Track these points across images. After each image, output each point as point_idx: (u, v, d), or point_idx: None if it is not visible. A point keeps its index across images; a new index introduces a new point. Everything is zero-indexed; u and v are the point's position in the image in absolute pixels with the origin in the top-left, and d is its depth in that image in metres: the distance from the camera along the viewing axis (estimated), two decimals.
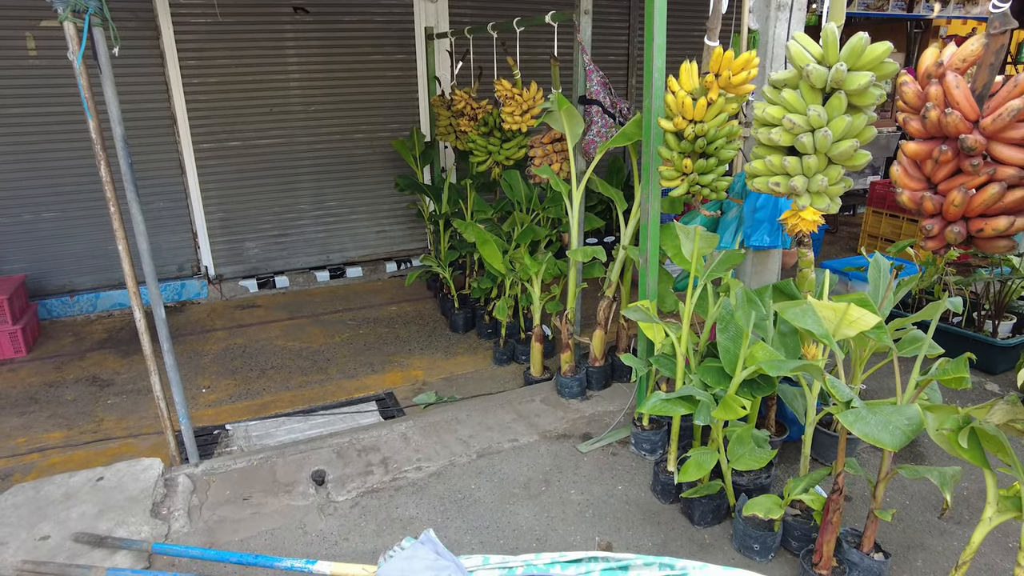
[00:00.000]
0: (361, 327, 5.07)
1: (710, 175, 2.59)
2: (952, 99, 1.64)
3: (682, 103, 2.49)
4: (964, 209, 1.69)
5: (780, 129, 2.03)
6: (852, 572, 2.24)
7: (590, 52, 3.44)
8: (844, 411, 1.89)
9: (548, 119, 3.52)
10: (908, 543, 2.53)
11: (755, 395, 2.43)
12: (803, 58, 1.97)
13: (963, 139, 1.61)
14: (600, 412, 3.55)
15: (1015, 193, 1.64)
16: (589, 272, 3.91)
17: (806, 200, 2.10)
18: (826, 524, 2.16)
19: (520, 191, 4.31)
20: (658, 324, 2.74)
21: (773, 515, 2.19)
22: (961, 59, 1.68)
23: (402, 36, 5.85)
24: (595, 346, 3.70)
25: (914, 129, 1.73)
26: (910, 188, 1.78)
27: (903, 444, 1.78)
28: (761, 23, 3.01)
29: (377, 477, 3.04)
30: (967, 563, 1.84)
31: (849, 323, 2.11)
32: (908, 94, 1.73)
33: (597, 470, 3.04)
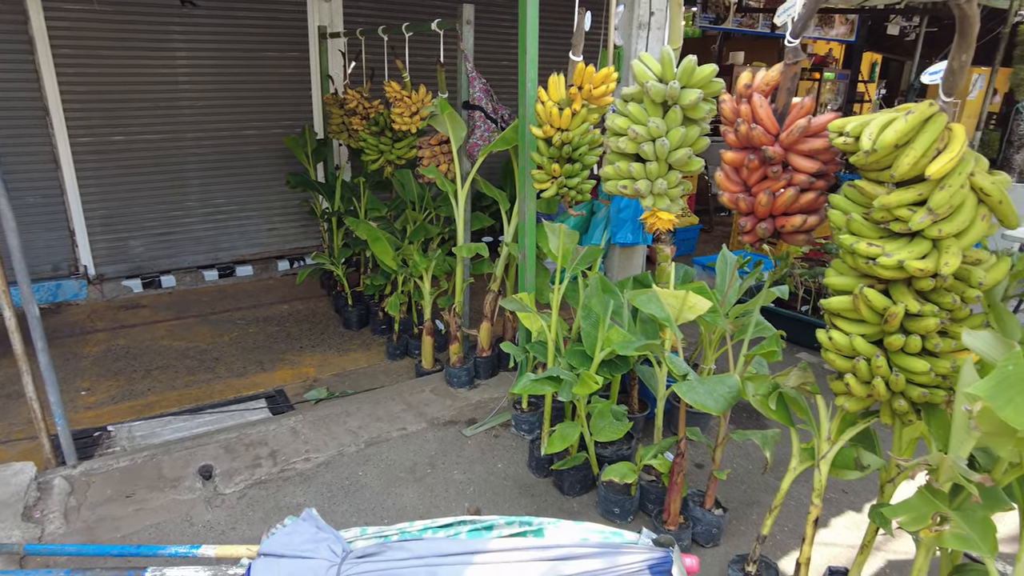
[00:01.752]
0: (251, 326, 5.03)
1: (576, 178, 2.85)
2: (757, 116, 1.95)
3: (550, 112, 2.74)
4: (770, 208, 2.01)
5: (626, 138, 2.30)
6: (696, 526, 2.56)
7: (472, 60, 3.64)
8: (681, 383, 2.19)
9: (434, 122, 3.69)
10: (746, 500, 2.89)
11: (614, 374, 2.71)
12: (644, 75, 2.25)
13: (765, 150, 1.92)
14: (486, 399, 3.76)
15: (807, 196, 1.97)
16: (479, 268, 4.11)
17: (650, 201, 2.39)
18: (672, 485, 2.46)
19: (413, 190, 4.45)
20: (534, 314, 2.98)
21: (628, 479, 2.46)
22: (765, 83, 1.99)
23: (295, 33, 5.84)
24: (482, 338, 3.90)
25: (730, 140, 2.03)
26: (729, 190, 2.09)
27: (725, 408, 2.09)
28: (625, 40, 3.32)
29: (265, 469, 3.10)
30: (778, 507, 2.18)
31: (689, 308, 2.41)
32: (725, 111, 2.04)
33: (480, 452, 3.24)
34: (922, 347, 1.70)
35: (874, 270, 1.67)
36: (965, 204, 1.63)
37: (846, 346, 1.79)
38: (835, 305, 1.81)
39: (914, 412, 1.80)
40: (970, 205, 1.63)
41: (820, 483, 2.02)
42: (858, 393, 1.80)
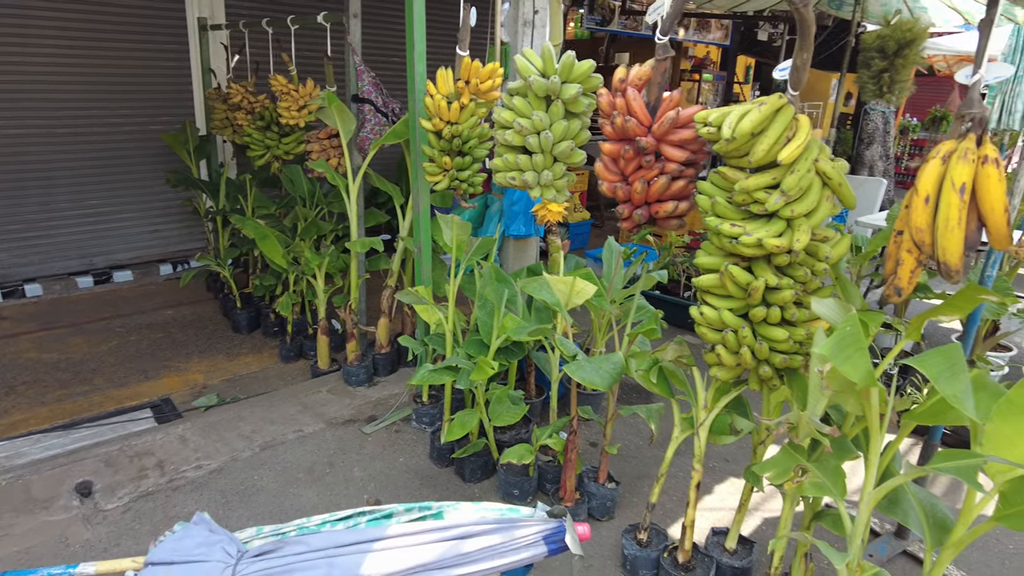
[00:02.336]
0: (132, 334, 4.74)
1: (467, 171, 2.90)
2: (631, 109, 2.08)
3: (439, 106, 2.77)
4: (645, 196, 2.15)
5: (512, 131, 2.38)
6: (592, 501, 2.69)
7: (361, 54, 3.61)
8: (570, 364, 2.29)
9: (323, 115, 3.63)
10: (638, 473, 3.06)
11: (510, 360, 2.79)
12: (527, 70, 2.33)
13: (639, 140, 2.05)
14: (386, 395, 3.74)
15: (678, 183, 2.12)
16: (375, 264, 4.08)
17: (537, 192, 2.48)
18: (567, 462, 2.57)
19: (303, 186, 4.35)
20: (431, 307, 3.01)
21: (526, 460, 2.55)
22: (638, 78, 2.13)
23: (173, 25, 5.53)
24: (380, 334, 3.88)
25: (608, 132, 2.15)
26: (608, 180, 2.21)
27: (611, 384, 2.21)
28: (511, 37, 3.41)
29: (153, 480, 2.95)
30: (663, 475, 2.33)
31: (577, 293, 2.53)
32: (603, 103, 2.15)
33: (381, 447, 3.23)
34: (781, 317, 1.88)
35: (737, 248, 1.82)
36: (812, 187, 1.81)
37: (716, 320, 1.94)
38: (705, 283, 1.96)
39: (778, 377, 1.98)
40: (816, 187, 1.82)
41: (700, 449, 2.18)
42: (728, 362, 1.96)
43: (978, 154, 1.55)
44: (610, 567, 2.47)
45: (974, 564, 2.59)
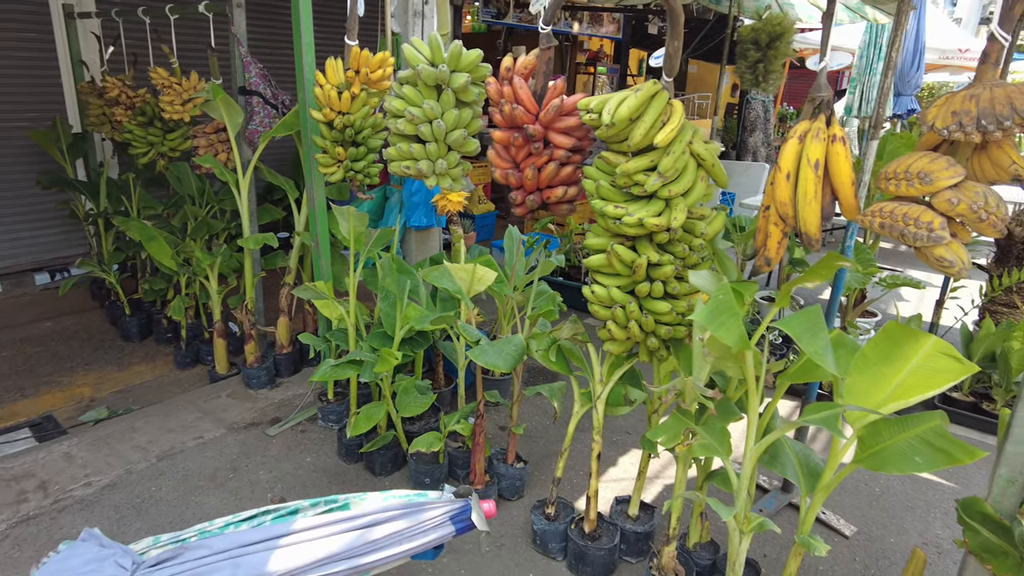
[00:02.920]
0: (4, 349, 4.37)
1: (362, 162, 2.87)
2: (518, 97, 2.14)
3: (329, 96, 2.73)
4: (536, 182, 2.21)
5: (404, 120, 2.38)
6: (501, 482, 2.75)
7: (246, 44, 3.48)
8: (474, 349, 2.33)
9: (208, 109, 3.48)
10: (546, 452, 3.15)
11: (415, 350, 2.80)
12: (416, 59, 2.34)
13: (526, 128, 2.11)
14: (290, 396, 3.65)
15: (566, 169, 2.20)
16: (273, 262, 3.96)
17: (433, 181, 2.50)
18: (475, 446, 2.62)
19: (191, 184, 4.15)
20: (332, 302, 2.96)
21: (435, 447, 2.57)
22: (524, 67, 2.18)
23: (34, 12, 5.11)
24: (280, 334, 3.78)
25: (497, 120, 2.20)
26: (501, 167, 2.26)
27: (514, 365, 2.27)
28: (402, 27, 3.39)
29: (34, 503, 2.75)
30: (567, 450, 2.42)
31: (478, 280, 2.57)
32: (491, 92, 2.20)
33: (287, 449, 3.16)
34: (664, 291, 1.99)
35: (621, 229, 1.92)
36: (688, 168, 1.93)
37: (605, 297, 2.04)
38: (594, 263, 2.05)
39: (665, 348, 2.10)
40: (691, 169, 1.94)
41: (598, 421, 2.28)
42: (619, 336, 2.06)
43: (828, 133, 1.71)
44: (521, 544, 2.54)
45: (848, 508, 2.84)
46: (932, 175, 1.53)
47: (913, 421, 1.73)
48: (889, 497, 2.94)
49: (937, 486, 3.05)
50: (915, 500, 2.93)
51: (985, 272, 4.00)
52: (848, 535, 2.66)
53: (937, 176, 1.52)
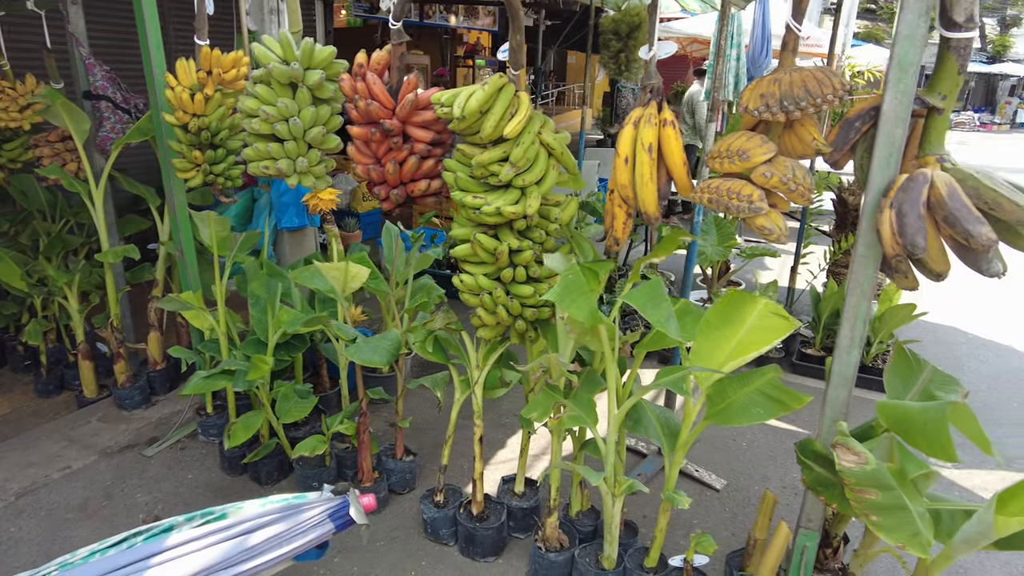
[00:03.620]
0: None
1: (222, 164, 2.78)
2: (372, 92, 2.15)
3: (180, 98, 2.62)
4: (399, 176, 2.24)
5: (259, 119, 2.33)
6: (391, 477, 2.77)
7: (88, 45, 3.26)
8: (349, 347, 2.33)
9: (49, 116, 3.24)
10: (437, 442, 3.19)
11: (292, 354, 2.76)
12: (267, 57, 2.29)
13: (383, 123, 2.13)
14: (168, 414, 3.49)
15: (428, 162, 2.23)
16: (140, 275, 3.74)
17: (295, 180, 2.46)
18: (360, 444, 2.62)
19: (39, 197, 3.84)
20: (201, 312, 2.85)
21: (319, 450, 2.55)
22: (377, 62, 2.20)
23: None
24: (152, 350, 3.59)
25: (354, 115, 2.20)
26: (362, 162, 2.27)
27: (389, 361, 2.30)
28: (259, 25, 3.30)
29: None
30: (451, 437, 2.47)
31: (352, 278, 2.56)
32: (345, 88, 2.20)
33: (166, 468, 3.02)
34: (527, 275, 2.08)
35: (481, 218, 1.99)
36: (539, 157, 2.02)
37: (473, 285, 2.10)
38: (460, 252, 2.11)
39: (533, 329, 2.20)
40: (543, 158, 2.03)
41: (477, 405, 2.35)
42: (488, 322, 2.13)
43: (659, 118, 1.85)
44: (413, 535, 2.58)
45: (719, 464, 3.08)
46: (748, 152, 1.69)
47: (752, 376, 1.91)
48: (755, 449, 3.21)
49: (796, 435, 3.36)
50: (776, 450, 3.22)
51: (829, 238, 4.42)
52: (719, 488, 2.89)
53: (753, 153, 1.69)
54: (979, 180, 1.49)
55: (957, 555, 1.53)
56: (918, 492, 1.62)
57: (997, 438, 3.35)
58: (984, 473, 3.05)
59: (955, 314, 5.14)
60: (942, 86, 1.59)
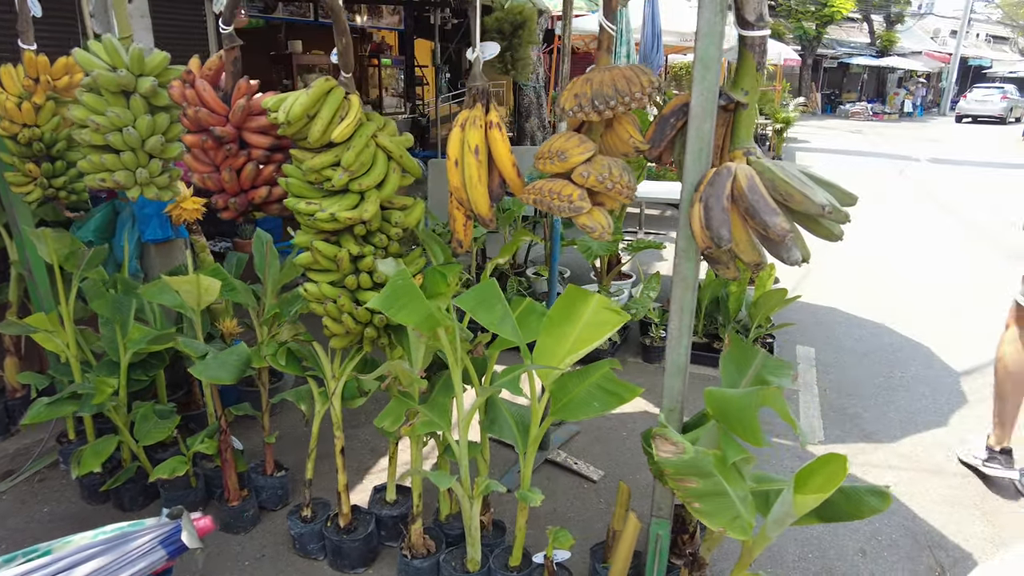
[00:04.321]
0: None
1: (62, 178, 2.62)
2: (203, 99, 2.06)
3: (5, 107, 2.45)
4: (238, 184, 2.16)
5: (89, 130, 2.21)
6: (261, 494, 2.68)
7: None
8: (196, 364, 2.23)
9: None
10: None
11: (150, 373, 2.63)
12: (91, 64, 2.17)
13: (213, 130, 2.05)
14: (29, 444, 3.26)
15: (268, 168, 2.16)
16: None
17: (136, 192, 2.34)
18: (224, 463, 2.52)
19: None
20: (49, 334, 2.68)
21: (179, 472, 2.44)
22: (208, 68, 2.11)
23: None
24: (9, 376, 3.35)
25: (186, 123, 2.11)
26: (199, 171, 2.17)
27: (239, 377, 2.22)
28: (105, 28, 3.12)
29: None
30: (314, 450, 2.42)
31: (206, 291, 2.46)
32: (175, 95, 2.10)
33: (19, 503, 2.82)
34: (372, 281, 2.04)
35: (317, 224, 1.94)
36: (377, 161, 1.99)
37: (317, 293, 2.05)
38: (303, 260, 2.06)
39: (387, 336, 2.16)
40: (382, 161, 2.00)
41: (337, 416, 2.30)
42: (336, 331, 2.09)
43: (485, 120, 1.85)
44: (283, 552, 2.50)
45: (599, 455, 3.14)
46: (567, 152, 1.71)
47: (590, 371, 1.94)
48: (634, 439, 3.28)
49: None
50: None
51: None
52: (596, 480, 2.94)
53: (570, 153, 1.71)
54: (775, 173, 1.56)
55: (772, 534, 1.60)
56: (740, 476, 1.69)
57: (856, 412, 3.55)
58: (845, 447, 3.23)
59: (834, 296, 5.43)
60: (744, 82, 1.65)
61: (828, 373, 4.03)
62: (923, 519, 2.72)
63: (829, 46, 29.50)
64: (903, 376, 4.02)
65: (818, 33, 26.86)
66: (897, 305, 5.24)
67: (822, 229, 1.65)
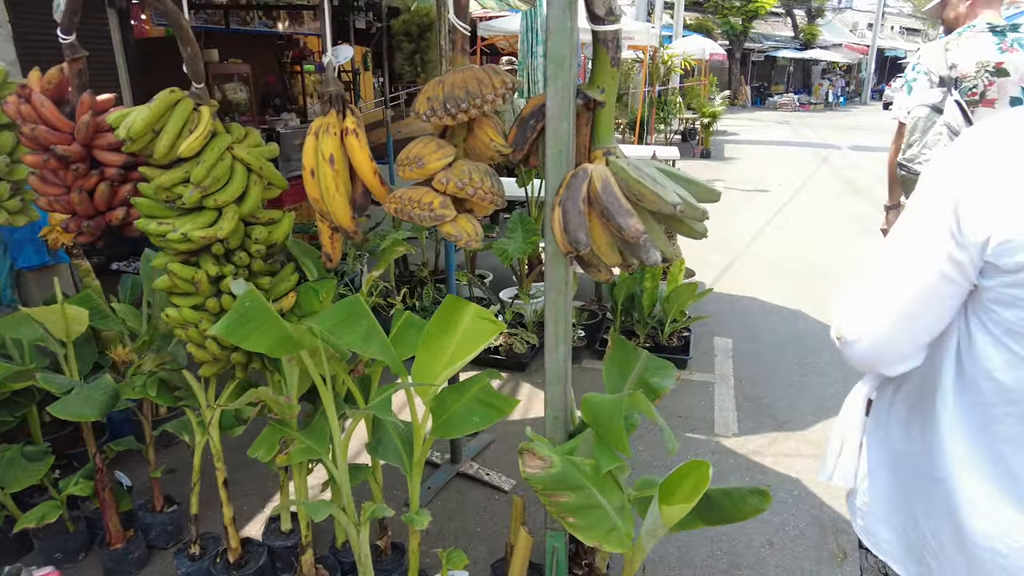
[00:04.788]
0: None
1: None
2: (42, 115, 1.91)
3: None
4: (92, 206, 2.01)
5: None
6: (150, 532, 2.52)
7: None
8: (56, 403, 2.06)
9: None
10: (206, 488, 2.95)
11: (15, 414, 2.44)
12: None
13: (55, 149, 1.90)
14: None
15: (125, 187, 2.02)
16: None
17: None
18: (103, 503, 2.36)
19: None
20: None
21: (50, 518, 2.26)
22: (48, 81, 1.95)
23: None
24: None
25: (25, 142, 1.95)
26: (47, 193, 2.01)
27: (104, 412, 2.06)
28: None
29: None
30: (197, 483, 2.27)
31: (73, 321, 2.29)
32: (9, 111, 1.94)
33: None
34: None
35: (171, 245, 1.81)
36: (235, 175, 1.87)
37: (179, 318, 1.92)
38: (161, 285, 1.92)
39: (258, 360, 2.04)
40: (240, 174, 1.88)
41: (216, 447, 2.17)
42: (202, 357, 1.96)
43: (341, 127, 1.76)
44: None
45: (512, 464, 3.07)
46: (424, 158, 1.63)
47: (468, 384, 1.87)
48: None
49: None
50: None
51: None
52: (507, 489, 2.88)
53: (428, 159, 1.63)
54: (628, 173, 1.51)
55: (648, 545, 1.56)
56: (617, 485, 1.64)
57: (771, 401, 3.59)
58: (758, 438, 3.26)
59: (754, 286, 5.52)
60: (600, 79, 1.59)
61: (745, 363, 4.07)
62: (829, 506, 2.75)
63: (756, 40, 30.36)
64: (817, 362, 4.09)
65: (744, 28, 27.60)
66: (813, 292, 5.36)
67: (685, 227, 1.62)
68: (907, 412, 1.12)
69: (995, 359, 0.94)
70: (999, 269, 0.89)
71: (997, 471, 0.96)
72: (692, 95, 14.79)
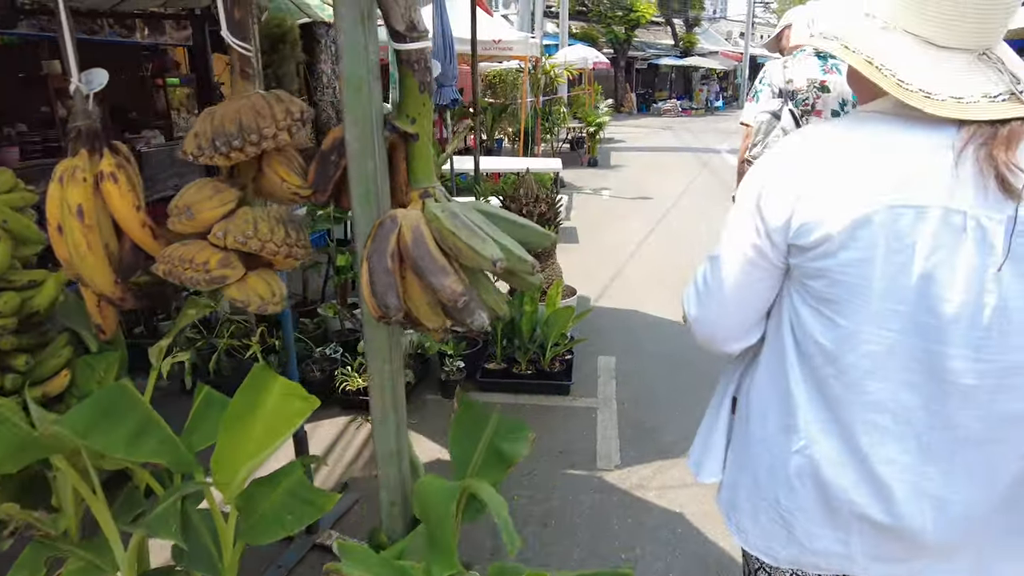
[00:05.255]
0: None
1: None
2: None
3: None
4: None
5: None
6: None
7: None
8: None
9: None
10: None
11: None
12: None
13: None
14: None
15: None
16: None
17: None
18: None
19: None
20: None
21: None
22: None
23: None
24: None
25: None
26: None
27: None
28: None
29: None
30: None
31: None
32: None
33: None
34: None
35: None
36: None
37: None
38: None
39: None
40: None
41: None
42: None
43: (93, 171, 1.41)
44: None
45: None
46: (195, 207, 1.32)
47: (280, 475, 1.56)
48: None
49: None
50: None
51: None
52: None
53: (200, 208, 1.32)
54: (442, 221, 1.26)
55: None
56: None
57: (655, 425, 3.47)
58: (642, 468, 3.12)
59: (638, 298, 5.46)
60: (410, 108, 1.33)
61: (627, 384, 3.95)
62: (714, 542, 2.63)
63: (639, 48, 31.40)
64: (698, 376, 4.03)
65: (628, 36, 28.47)
66: None
67: (515, 279, 1.39)
68: (762, 399, 1.18)
69: (815, 325, 1.04)
70: (802, 248, 1.01)
71: (839, 429, 1.05)
72: (578, 104, 14.95)
